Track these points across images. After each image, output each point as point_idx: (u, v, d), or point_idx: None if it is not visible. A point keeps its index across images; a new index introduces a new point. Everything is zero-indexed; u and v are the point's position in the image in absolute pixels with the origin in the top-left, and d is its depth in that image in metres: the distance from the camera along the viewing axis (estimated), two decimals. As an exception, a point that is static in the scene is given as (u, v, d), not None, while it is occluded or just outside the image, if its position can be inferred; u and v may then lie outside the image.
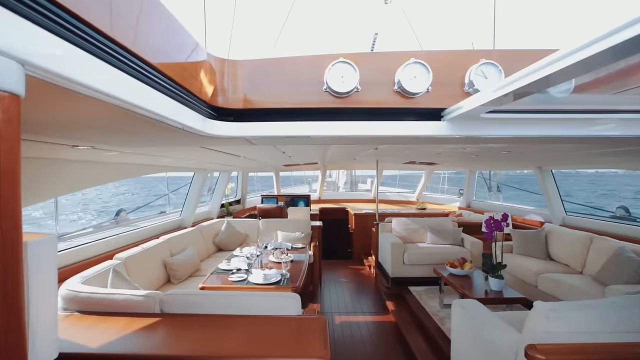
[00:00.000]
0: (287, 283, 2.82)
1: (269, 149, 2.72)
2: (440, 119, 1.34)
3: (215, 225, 5.08)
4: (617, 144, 2.36)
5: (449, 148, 3.12)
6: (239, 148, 2.37)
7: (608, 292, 2.79)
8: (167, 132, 1.21)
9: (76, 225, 11.53)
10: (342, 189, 11.66)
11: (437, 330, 3.34)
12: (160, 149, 1.95)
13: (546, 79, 0.85)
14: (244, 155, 3.25)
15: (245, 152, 2.74)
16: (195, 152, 2.58)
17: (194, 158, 3.09)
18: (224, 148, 2.32)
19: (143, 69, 0.87)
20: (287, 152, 3.00)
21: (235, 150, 2.47)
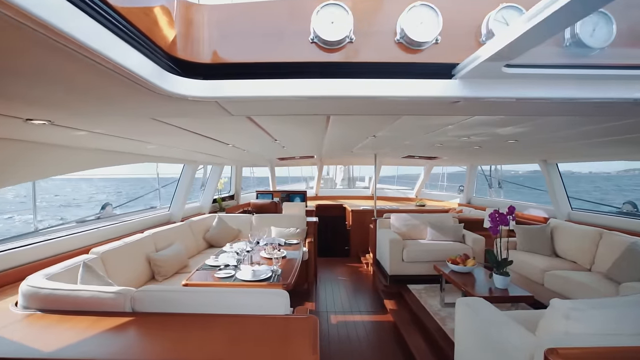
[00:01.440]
0: (277, 280, 2.61)
1: (256, 133, 2.51)
2: (451, 77, 1.14)
3: (206, 221, 4.86)
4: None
5: (453, 136, 2.92)
6: (217, 125, 2.12)
7: (623, 290, 2.60)
8: (118, 86, 1.01)
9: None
10: (340, 185, 11.46)
11: (438, 331, 3.15)
12: (127, 123, 1.71)
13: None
14: (230, 142, 3.03)
15: (228, 134, 2.49)
16: (175, 136, 2.36)
17: (177, 144, 2.87)
18: (200, 125, 2.06)
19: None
20: (276, 136, 2.77)
21: (215, 129, 2.21)
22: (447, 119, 2.13)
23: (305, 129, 2.54)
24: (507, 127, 2.37)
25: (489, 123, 2.24)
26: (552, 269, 3.47)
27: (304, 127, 2.46)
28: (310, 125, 2.42)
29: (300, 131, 2.59)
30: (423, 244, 4.53)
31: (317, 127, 2.48)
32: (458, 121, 2.18)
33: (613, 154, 3.48)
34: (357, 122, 2.37)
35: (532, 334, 1.66)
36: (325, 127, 2.50)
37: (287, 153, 5.02)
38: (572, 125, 2.23)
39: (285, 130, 2.58)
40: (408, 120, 2.15)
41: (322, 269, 5.72)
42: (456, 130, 2.59)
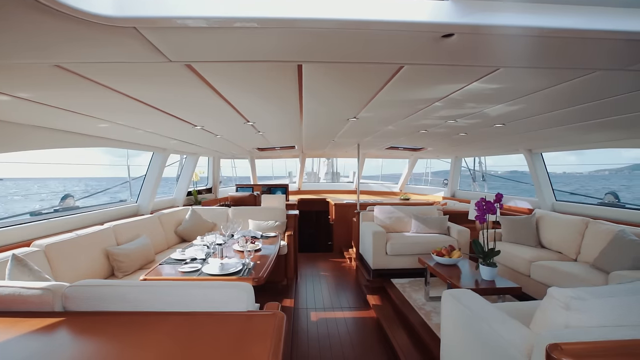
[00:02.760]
0: (248, 274, 2.36)
1: (223, 109, 2.23)
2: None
3: (179, 214, 4.54)
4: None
5: (440, 117, 2.74)
6: (170, 94, 1.81)
7: (613, 278, 2.49)
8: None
9: None
10: (323, 179, 11.24)
11: (422, 326, 2.98)
12: (36, 76, 1.38)
13: None
14: (198, 122, 2.74)
15: (189, 109, 2.19)
16: (126, 111, 2.06)
17: (132, 122, 2.54)
18: (149, 93, 1.76)
19: None
20: (246, 114, 2.48)
21: (169, 99, 1.89)
22: (435, 91, 1.93)
23: (277, 104, 2.28)
24: (497, 104, 2.20)
25: (479, 98, 2.06)
26: (538, 259, 3.36)
27: (275, 100, 2.21)
28: (283, 99, 2.17)
29: (272, 107, 2.32)
30: (407, 237, 4.37)
31: (290, 102, 2.24)
32: (447, 94, 1.99)
33: (596, 141, 3.39)
34: (334, 97, 2.15)
35: (526, 328, 1.48)
36: (299, 102, 2.26)
37: (266, 142, 4.75)
38: (558, 102, 2.09)
39: (255, 107, 2.32)
40: (391, 92, 1.93)
41: (304, 265, 5.49)
42: (445, 109, 2.41)
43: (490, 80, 1.68)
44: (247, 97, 2.06)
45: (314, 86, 1.90)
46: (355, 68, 1.53)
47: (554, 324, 1.33)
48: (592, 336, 1.15)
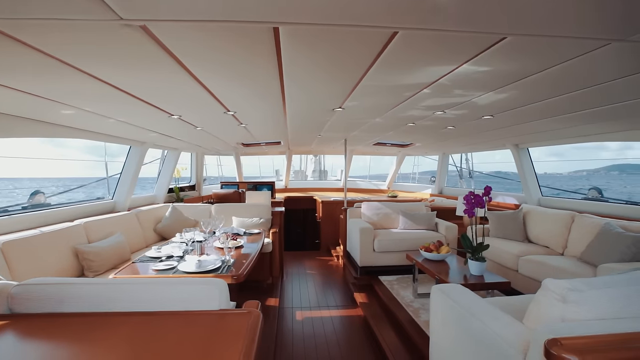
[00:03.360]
0: (227, 271, 2.22)
1: (199, 94, 2.08)
2: None
3: (158, 211, 4.34)
4: None
5: (428, 107, 2.65)
6: (137, 72, 1.65)
7: (601, 271, 2.46)
8: None
9: None
10: (311, 177, 11.12)
11: (410, 323, 2.90)
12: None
13: None
14: (174, 111, 2.58)
15: (161, 93, 2.02)
16: (91, 92, 1.88)
17: (102, 110, 2.35)
18: (113, 70, 1.58)
19: None
20: (226, 102, 2.34)
21: (137, 78, 1.70)
22: (423, 75, 1.84)
23: (257, 91, 2.14)
24: (486, 91, 2.13)
25: (468, 84, 1.98)
26: (526, 254, 3.33)
27: (255, 87, 2.07)
28: (263, 85, 2.04)
29: (251, 93, 2.18)
30: (395, 233, 4.30)
31: (271, 88, 2.11)
32: (435, 79, 1.90)
33: (584, 134, 3.38)
34: (317, 82, 2.03)
35: (520, 323, 1.40)
36: (280, 90, 2.14)
37: (250, 137, 4.59)
38: (547, 89, 2.04)
39: (234, 94, 2.18)
40: (376, 76, 1.83)
41: (290, 263, 5.36)
42: (432, 98, 2.32)
43: (480, 62, 1.59)
44: (223, 80, 1.92)
45: (295, 72, 1.79)
46: (338, 44, 1.42)
47: (550, 318, 1.24)
48: (591, 330, 1.07)
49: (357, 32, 1.28)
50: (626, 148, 77.78)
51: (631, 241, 2.56)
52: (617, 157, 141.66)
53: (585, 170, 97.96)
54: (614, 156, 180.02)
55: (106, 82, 1.78)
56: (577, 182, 51.70)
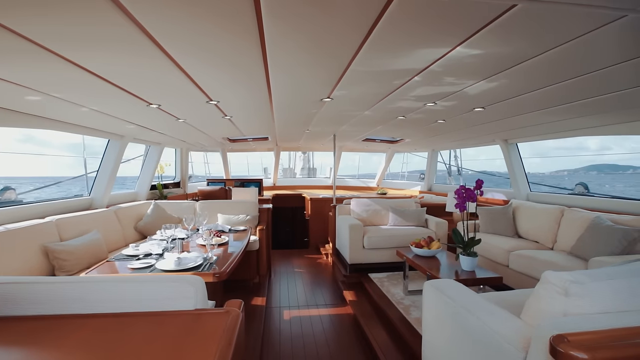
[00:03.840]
0: (209, 269, 2.09)
1: (176, 79, 1.94)
2: None
3: (140, 208, 4.15)
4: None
5: (418, 97, 2.57)
6: (107, 51, 1.50)
7: (593, 265, 2.42)
8: None
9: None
10: (299, 175, 10.98)
11: (401, 321, 2.82)
12: None
13: None
14: (153, 99, 2.43)
15: (136, 76, 1.86)
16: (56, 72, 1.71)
17: (71, 96, 2.18)
18: (79, 48, 1.44)
19: None
20: (205, 87, 2.19)
21: (106, 56, 1.55)
22: (414, 59, 1.75)
23: (240, 78, 2.01)
24: (478, 79, 2.06)
25: (460, 70, 1.91)
26: (517, 249, 3.30)
27: (238, 73, 1.95)
28: (245, 70, 1.92)
29: (233, 78, 2.04)
30: (385, 230, 4.22)
31: (255, 75, 1.99)
32: (426, 65, 1.82)
33: (575, 128, 3.37)
34: (303, 67, 1.92)
35: (519, 319, 1.32)
36: (265, 77, 2.03)
37: (236, 131, 4.44)
38: (541, 77, 1.98)
39: (215, 81, 2.05)
40: (366, 60, 1.73)
41: (278, 262, 5.24)
42: (423, 86, 2.24)
43: (474, 44, 1.51)
44: (203, 65, 1.79)
45: (280, 55, 1.68)
46: (325, 22, 1.31)
47: (551, 313, 1.17)
48: (597, 324, 1.00)
49: (344, 3, 1.17)
50: (604, 149, 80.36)
51: (622, 235, 2.54)
52: (595, 158, 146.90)
53: (566, 170, 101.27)
54: (592, 156, 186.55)
55: (76, 64, 1.63)
56: (560, 182, 53.26)
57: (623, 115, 2.74)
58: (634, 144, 19.53)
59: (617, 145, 23.84)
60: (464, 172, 7.35)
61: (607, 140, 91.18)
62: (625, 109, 2.58)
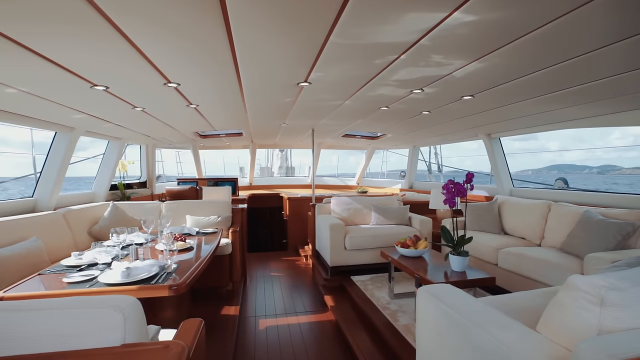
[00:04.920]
0: (166, 279, 1.75)
1: (125, 51, 1.60)
2: None
3: (96, 210, 3.69)
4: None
5: (402, 81, 2.34)
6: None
7: (590, 262, 2.28)
8: None
9: None
10: (277, 174, 10.62)
11: (387, 327, 2.58)
12: None
13: None
14: (98, 80, 2.05)
15: (71, 45, 1.52)
16: None
17: None
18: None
19: None
20: (162, 66, 1.86)
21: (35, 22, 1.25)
22: (401, 31, 1.50)
23: (201, 50, 1.69)
24: (468, 59, 1.86)
25: (451, 46, 1.69)
26: (505, 246, 3.16)
27: (196, 45, 1.63)
28: (205, 44, 1.61)
29: (194, 54, 1.72)
30: (367, 229, 3.99)
31: (219, 53, 1.69)
32: (415, 39, 1.58)
33: (563, 120, 3.27)
34: (274, 43, 1.64)
35: (536, 333, 1.10)
36: (232, 57, 1.73)
37: (207, 125, 4.06)
38: (535, 58, 1.83)
39: (172, 58, 1.73)
40: (346, 29, 1.47)
41: (254, 266, 4.90)
42: (408, 67, 2.00)
43: (471, 8, 1.28)
44: (154, 35, 1.46)
45: (246, 30, 1.41)
46: None
47: (581, 328, 0.95)
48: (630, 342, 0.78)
49: None
50: (563, 150, 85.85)
51: (616, 229, 2.43)
52: (555, 158, 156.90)
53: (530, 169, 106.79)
54: (553, 157, 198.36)
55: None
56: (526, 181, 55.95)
57: (615, 104, 2.64)
58: (589, 145, 22.22)
59: (574, 147, 26.66)
60: (445, 169, 7.30)
61: (566, 142, 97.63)
62: (617, 96, 2.48)
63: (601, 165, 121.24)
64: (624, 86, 2.23)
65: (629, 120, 2.84)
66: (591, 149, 25.27)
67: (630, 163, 33.06)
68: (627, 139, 36.29)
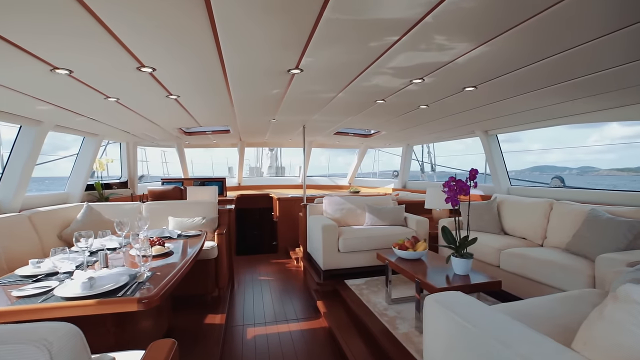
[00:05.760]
0: (136, 290, 1.51)
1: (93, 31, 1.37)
2: None
3: (68, 212, 3.39)
4: None
5: (399, 69, 2.16)
6: None
7: (602, 263, 2.12)
8: None
9: None
10: (267, 174, 10.36)
11: (386, 335, 2.39)
12: None
13: None
14: (62, 63, 1.80)
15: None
16: None
17: None
18: None
19: None
20: (137, 51, 1.64)
21: None
22: (405, 4, 1.31)
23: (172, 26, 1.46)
24: (475, 44, 1.70)
25: (454, 27, 1.52)
26: (507, 247, 3.01)
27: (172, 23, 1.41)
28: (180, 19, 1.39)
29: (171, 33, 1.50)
30: (362, 230, 3.80)
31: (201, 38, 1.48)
32: (419, 15, 1.39)
33: (564, 115, 3.15)
34: (264, 22, 1.43)
35: (574, 352, 0.92)
36: (215, 44, 1.52)
37: (189, 120, 3.80)
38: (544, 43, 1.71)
39: (144, 37, 1.51)
40: (343, 5, 1.27)
41: (243, 270, 4.65)
42: (407, 52, 1.82)
43: None
44: (120, 8, 1.23)
45: (230, 10, 1.19)
46: None
47: None
48: None
49: None
50: (545, 152, 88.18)
51: (626, 228, 2.29)
52: (537, 159, 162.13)
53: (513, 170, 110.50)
54: (535, 159, 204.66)
55: None
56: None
57: (618, 97, 2.52)
58: (567, 148, 23.97)
59: (556, 148, 27.95)
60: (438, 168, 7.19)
61: (548, 144, 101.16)
62: (620, 89, 2.36)
63: (580, 166, 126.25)
64: (628, 78, 2.13)
65: (633, 114, 2.72)
66: (573, 148, 25.73)
67: (607, 165, 34.45)
68: (604, 141, 38.68)
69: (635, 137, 33.28)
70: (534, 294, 2.60)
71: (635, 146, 22.31)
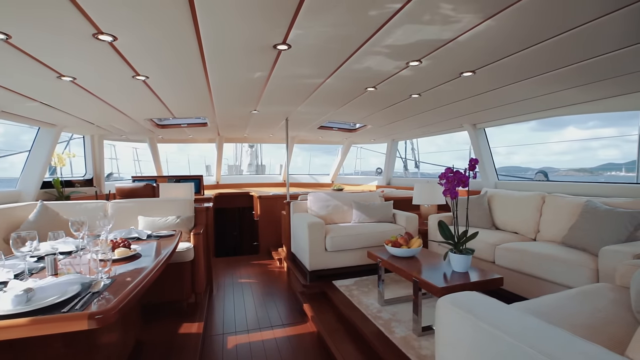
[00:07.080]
0: (86, 305, 1.22)
1: None
2: None
3: (18, 212, 2.98)
4: None
5: (396, 47, 1.97)
6: None
7: (605, 256, 2.02)
8: None
9: None
10: (247, 172, 9.99)
11: (381, 340, 2.20)
12: None
13: None
14: None
15: None
16: None
17: None
18: None
19: None
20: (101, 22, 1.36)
21: None
22: None
23: None
24: (482, 16, 1.54)
25: None
26: (501, 242, 2.90)
27: None
28: None
29: None
30: (350, 228, 3.60)
31: None
32: None
33: (560, 105, 3.09)
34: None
35: None
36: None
37: (162, 109, 3.46)
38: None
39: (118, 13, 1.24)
40: None
41: (223, 273, 4.35)
42: (408, 25, 1.63)
43: None
44: None
45: None
46: None
47: None
48: None
49: None
50: (511, 153, 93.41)
51: (628, 219, 2.21)
52: (503, 160, 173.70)
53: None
54: (501, 160, 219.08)
55: None
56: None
57: (614, 85, 2.45)
58: (531, 150, 24.92)
59: (520, 149, 29.47)
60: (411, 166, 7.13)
61: (513, 146, 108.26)
62: (617, 76, 2.29)
63: (542, 167, 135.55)
64: (624, 64, 2.06)
65: (630, 104, 2.69)
66: (535, 147, 27.54)
67: (565, 165, 36.97)
68: (563, 143, 41.81)
69: (589, 140, 35.76)
70: (532, 290, 2.50)
71: (589, 148, 23.69)
